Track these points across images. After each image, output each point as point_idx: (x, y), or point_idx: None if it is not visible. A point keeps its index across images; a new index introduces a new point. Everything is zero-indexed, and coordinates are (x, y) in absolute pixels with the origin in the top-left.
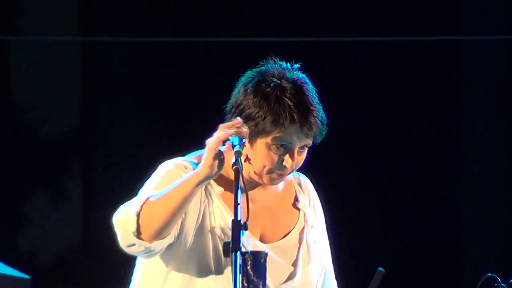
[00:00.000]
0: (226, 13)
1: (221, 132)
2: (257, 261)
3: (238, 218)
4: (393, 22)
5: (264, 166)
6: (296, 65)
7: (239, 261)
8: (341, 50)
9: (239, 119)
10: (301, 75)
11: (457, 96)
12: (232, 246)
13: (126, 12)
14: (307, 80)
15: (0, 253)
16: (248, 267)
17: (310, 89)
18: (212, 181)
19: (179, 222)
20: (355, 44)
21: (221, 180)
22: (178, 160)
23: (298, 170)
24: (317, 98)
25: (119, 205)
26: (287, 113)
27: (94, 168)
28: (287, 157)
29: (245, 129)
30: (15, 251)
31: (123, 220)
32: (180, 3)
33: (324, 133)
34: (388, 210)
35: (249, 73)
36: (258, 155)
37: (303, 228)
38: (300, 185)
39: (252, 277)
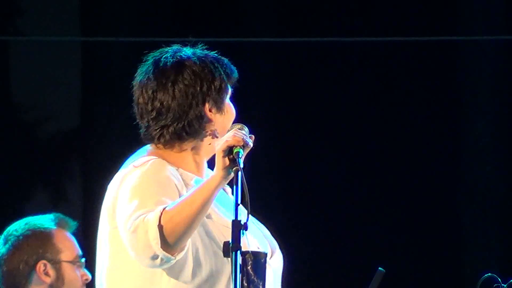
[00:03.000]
0: (226, 13)
1: (229, 137)
2: (258, 261)
3: (238, 218)
4: (393, 22)
5: (232, 119)
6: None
7: (239, 261)
8: (341, 50)
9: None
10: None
11: (457, 96)
12: (232, 246)
13: (126, 12)
14: None
15: None
16: (249, 267)
17: None
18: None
19: None
20: (355, 44)
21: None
22: (150, 161)
23: None
24: None
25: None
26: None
27: (94, 168)
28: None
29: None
30: None
31: (143, 231)
32: (180, 3)
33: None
34: (388, 210)
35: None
36: (229, 114)
37: None
38: None
39: (252, 277)
